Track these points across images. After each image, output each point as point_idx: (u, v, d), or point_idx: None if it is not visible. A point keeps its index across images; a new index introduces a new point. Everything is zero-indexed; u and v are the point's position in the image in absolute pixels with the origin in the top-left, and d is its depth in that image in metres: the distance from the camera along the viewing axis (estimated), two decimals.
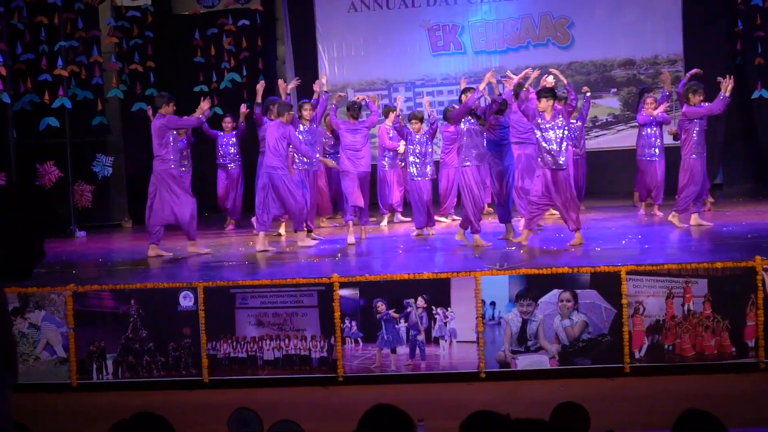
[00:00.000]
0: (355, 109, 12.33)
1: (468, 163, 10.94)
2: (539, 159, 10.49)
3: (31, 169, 14.92)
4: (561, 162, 10.35)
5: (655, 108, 13.47)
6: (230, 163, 14.64)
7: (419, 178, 12.53)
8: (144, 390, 8.85)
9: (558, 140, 10.34)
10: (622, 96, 17.04)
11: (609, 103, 17.31)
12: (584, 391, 7.81)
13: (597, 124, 17.23)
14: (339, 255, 10.73)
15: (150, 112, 12.04)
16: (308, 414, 7.38)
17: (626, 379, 8.44)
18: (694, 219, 11.56)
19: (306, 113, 12.26)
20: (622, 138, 17.13)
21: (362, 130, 12.25)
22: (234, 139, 14.56)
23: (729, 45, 16.49)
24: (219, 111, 16.21)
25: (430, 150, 12.90)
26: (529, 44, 17.40)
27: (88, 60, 14.89)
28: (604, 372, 8.52)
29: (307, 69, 17.86)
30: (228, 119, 14.73)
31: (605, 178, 16.65)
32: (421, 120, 13.24)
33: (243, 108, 14.03)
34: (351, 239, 11.72)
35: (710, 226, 11.43)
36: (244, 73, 16.57)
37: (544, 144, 10.37)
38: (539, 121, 10.44)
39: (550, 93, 10.55)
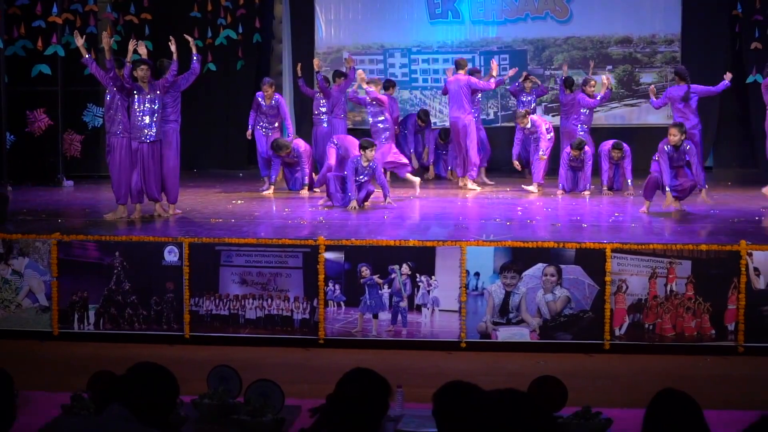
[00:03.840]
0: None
1: None
2: None
3: (21, 116, 14.83)
4: None
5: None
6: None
7: None
8: (125, 342, 8.85)
9: None
10: (617, 73, 17.00)
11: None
12: (563, 366, 7.84)
13: None
14: (322, 219, 10.72)
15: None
16: (287, 375, 7.40)
17: (605, 356, 8.49)
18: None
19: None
20: (615, 116, 17.12)
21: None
22: None
23: (728, 28, 16.45)
24: (212, 67, 16.14)
25: None
26: (527, 17, 17.34)
27: (83, 8, 14.76)
28: (584, 348, 8.56)
29: (304, 29, 17.80)
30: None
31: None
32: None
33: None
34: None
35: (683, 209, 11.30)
36: (240, 30, 16.46)
37: None
38: None
39: None
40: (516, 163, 14.27)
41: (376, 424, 3.78)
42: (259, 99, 13.93)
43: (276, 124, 13.96)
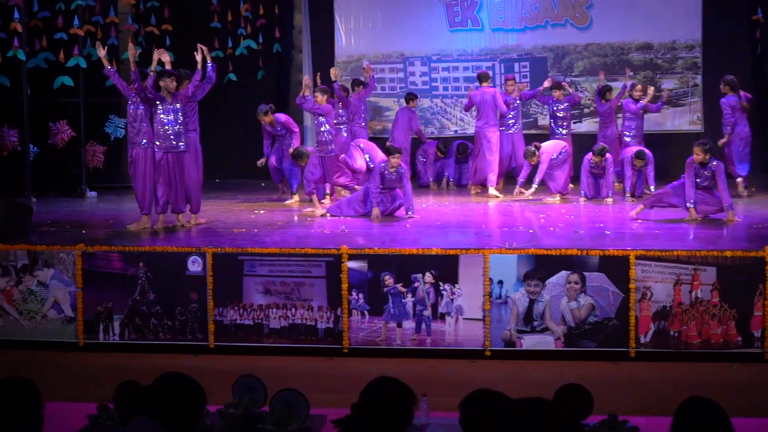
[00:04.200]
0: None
1: None
2: None
3: (44, 128, 14.91)
4: None
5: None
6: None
7: None
8: (150, 353, 8.88)
9: None
10: (637, 80, 16.94)
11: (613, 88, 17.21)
12: (588, 374, 7.81)
13: None
14: (344, 228, 10.72)
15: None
16: (312, 384, 7.40)
17: (631, 364, 8.45)
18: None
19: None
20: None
21: None
22: None
23: (748, 33, 16.37)
24: (233, 77, 16.20)
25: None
26: (547, 23, 17.30)
27: (104, 20, 14.85)
28: (609, 356, 8.52)
29: (323, 39, 17.83)
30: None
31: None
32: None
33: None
34: None
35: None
36: (260, 40, 16.52)
37: None
38: None
39: None
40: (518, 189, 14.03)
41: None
42: (267, 128, 14.10)
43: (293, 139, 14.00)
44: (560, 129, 14.98)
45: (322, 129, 12.79)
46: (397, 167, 11.53)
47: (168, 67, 10.79)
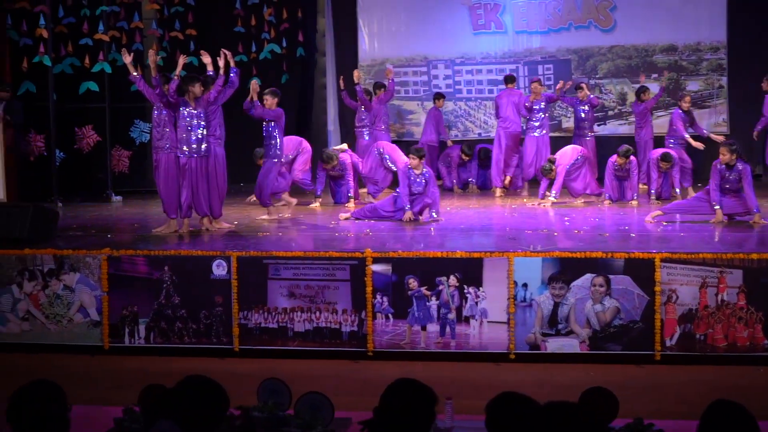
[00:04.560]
0: None
1: None
2: None
3: (70, 133, 15.01)
4: None
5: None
6: None
7: None
8: (175, 356, 8.91)
9: None
10: (662, 82, 16.87)
11: (649, 89, 17.12)
12: (613, 377, 7.77)
13: None
14: (368, 231, 10.72)
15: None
16: (337, 387, 7.41)
17: (656, 367, 8.40)
18: None
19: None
20: (661, 124, 16.96)
21: None
22: None
23: None
24: (258, 81, 16.23)
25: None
26: (570, 26, 17.27)
27: (129, 25, 14.94)
28: (635, 359, 8.48)
29: (347, 42, 17.87)
30: None
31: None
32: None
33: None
34: None
35: None
36: (284, 44, 16.57)
37: None
38: None
39: None
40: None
41: None
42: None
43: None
44: (584, 131, 14.96)
45: (274, 134, 12.15)
46: (422, 170, 11.47)
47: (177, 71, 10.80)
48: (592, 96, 15.50)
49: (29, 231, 9.65)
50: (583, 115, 15.03)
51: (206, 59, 10.83)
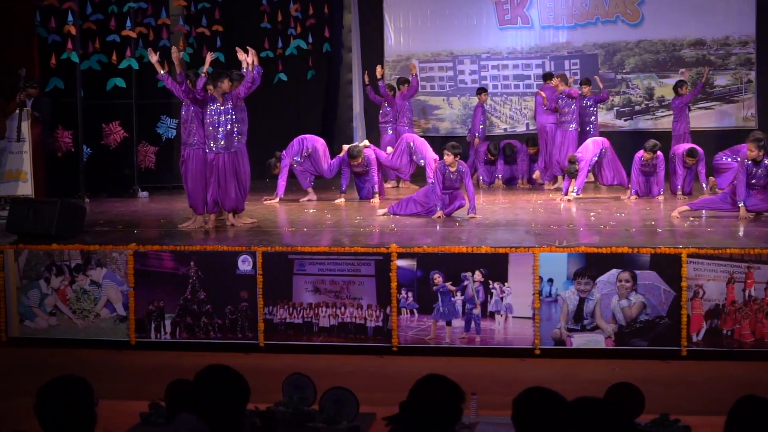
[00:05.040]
0: None
1: None
2: None
3: (98, 129, 15.08)
4: None
5: None
6: None
7: None
8: (200, 351, 8.94)
9: None
10: (690, 76, 16.77)
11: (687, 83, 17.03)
12: (639, 373, 7.73)
13: (664, 104, 16.98)
14: (393, 227, 10.71)
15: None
16: (362, 382, 7.42)
17: (683, 363, 8.37)
18: None
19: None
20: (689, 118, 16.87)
21: None
22: None
23: None
24: (283, 77, 16.29)
25: None
26: (597, 20, 17.19)
27: (156, 22, 14.99)
28: (661, 354, 8.45)
29: (373, 38, 17.86)
30: None
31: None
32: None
33: None
34: None
35: None
36: (310, 40, 16.59)
37: None
38: None
39: None
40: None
41: (450, 429, 3.77)
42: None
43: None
44: (588, 126, 15.11)
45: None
46: (456, 167, 11.37)
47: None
48: (604, 90, 15.62)
49: (57, 226, 9.71)
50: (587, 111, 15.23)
51: (242, 56, 10.82)
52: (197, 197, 10.68)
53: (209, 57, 10.84)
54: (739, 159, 11.85)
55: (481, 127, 16.07)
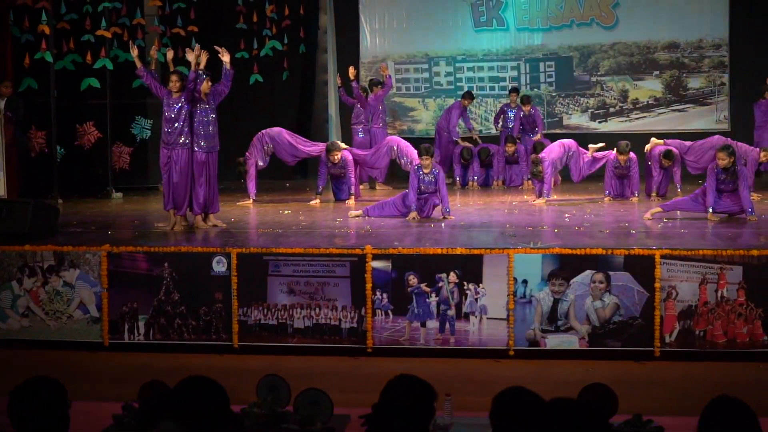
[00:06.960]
0: None
1: None
2: None
3: (71, 129, 15.01)
4: None
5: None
6: None
7: None
8: (174, 352, 8.91)
9: None
10: (664, 79, 16.88)
11: (651, 86, 17.16)
12: (613, 374, 7.78)
13: (638, 106, 17.08)
14: (369, 228, 10.72)
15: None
16: (336, 383, 7.41)
17: (656, 363, 8.40)
18: None
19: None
20: (662, 121, 16.99)
21: None
22: None
23: None
24: (260, 78, 16.25)
25: None
26: (572, 23, 17.28)
27: (131, 22, 14.93)
28: (634, 355, 8.48)
29: (348, 39, 17.86)
30: None
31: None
32: None
33: None
34: None
35: None
36: (285, 41, 16.57)
37: None
38: None
39: None
40: None
41: (423, 429, 3.77)
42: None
43: None
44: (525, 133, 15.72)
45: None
46: (431, 169, 11.39)
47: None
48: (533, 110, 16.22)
49: (30, 227, 9.65)
50: (512, 117, 16.04)
51: (225, 57, 10.78)
52: (179, 197, 10.57)
53: (203, 55, 10.69)
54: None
55: (457, 129, 16.08)
